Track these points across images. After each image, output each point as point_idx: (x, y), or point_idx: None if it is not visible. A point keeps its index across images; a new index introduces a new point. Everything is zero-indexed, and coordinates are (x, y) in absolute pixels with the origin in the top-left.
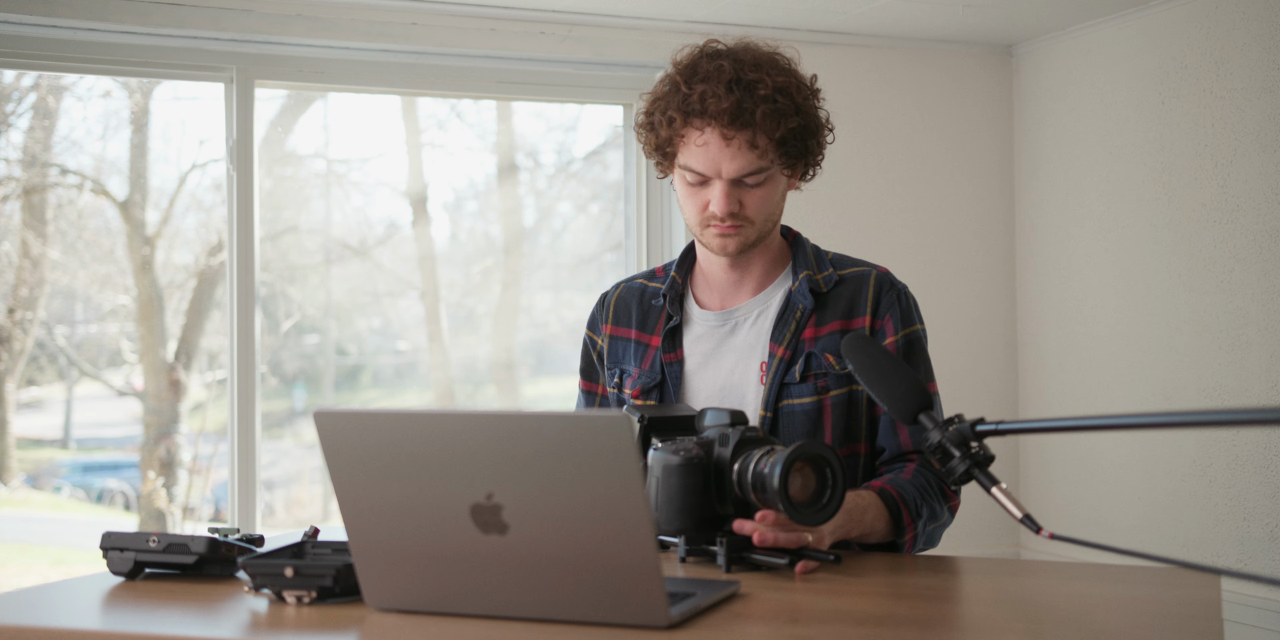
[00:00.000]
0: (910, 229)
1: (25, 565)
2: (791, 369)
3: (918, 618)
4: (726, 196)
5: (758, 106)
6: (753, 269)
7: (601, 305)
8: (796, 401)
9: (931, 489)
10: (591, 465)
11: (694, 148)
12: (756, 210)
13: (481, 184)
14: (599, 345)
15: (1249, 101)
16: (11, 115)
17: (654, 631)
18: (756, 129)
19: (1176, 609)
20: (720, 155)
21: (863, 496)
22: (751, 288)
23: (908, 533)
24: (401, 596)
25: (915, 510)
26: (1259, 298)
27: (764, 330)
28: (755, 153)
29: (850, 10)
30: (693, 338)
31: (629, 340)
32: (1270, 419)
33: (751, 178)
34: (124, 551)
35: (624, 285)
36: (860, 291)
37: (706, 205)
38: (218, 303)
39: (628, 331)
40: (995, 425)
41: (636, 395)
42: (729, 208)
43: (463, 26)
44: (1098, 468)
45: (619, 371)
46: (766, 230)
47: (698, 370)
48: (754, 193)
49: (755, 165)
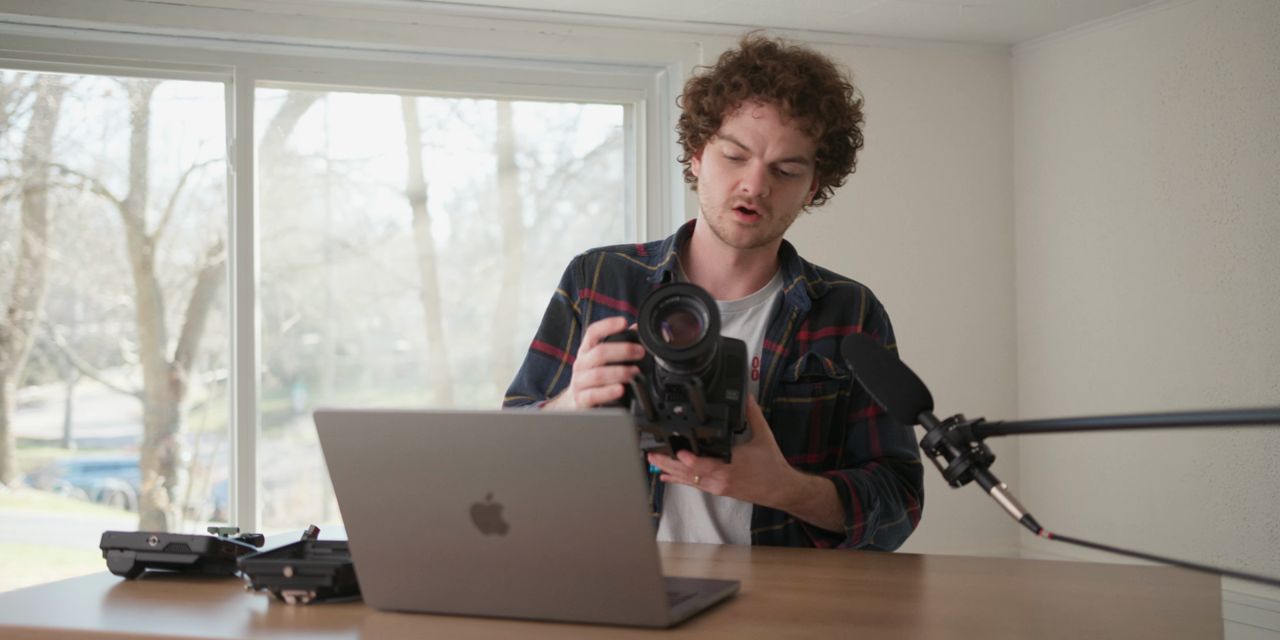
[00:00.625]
0: (910, 229)
1: (25, 565)
2: (790, 367)
3: (918, 618)
4: (761, 176)
5: (823, 96)
6: (753, 266)
7: (582, 269)
8: (795, 400)
9: (889, 488)
10: (591, 465)
11: (748, 119)
12: (781, 203)
13: (481, 184)
14: (576, 310)
15: (1249, 101)
16: (11, 115)
17: (654, 631)
18: (816, 117)
19: (1176, 609)
20: (771, 133)
21: (816, 480)
22: (744, 285)
23: (856, 521)
24: (401, 596)
25: (867, 501)
26: (1259, 298)
27: (756, 327)
28: (803, 141)
29: (850, 10)
30: None
31: (617, 311)
32: (1270, 419)
33: (789, 165)
34: (124, 551)
35: (605, 253)
36: (853, 302)
37: (736, 185)
38: (218, 303)
39: (615, 302)
40: (995, 425)
41: None
42: (760, 188)
43: (463, 26)
44: (1098, 468)
45: None
46: (779, 231)
47: None
48: (785, 185)
49: (798, 153)
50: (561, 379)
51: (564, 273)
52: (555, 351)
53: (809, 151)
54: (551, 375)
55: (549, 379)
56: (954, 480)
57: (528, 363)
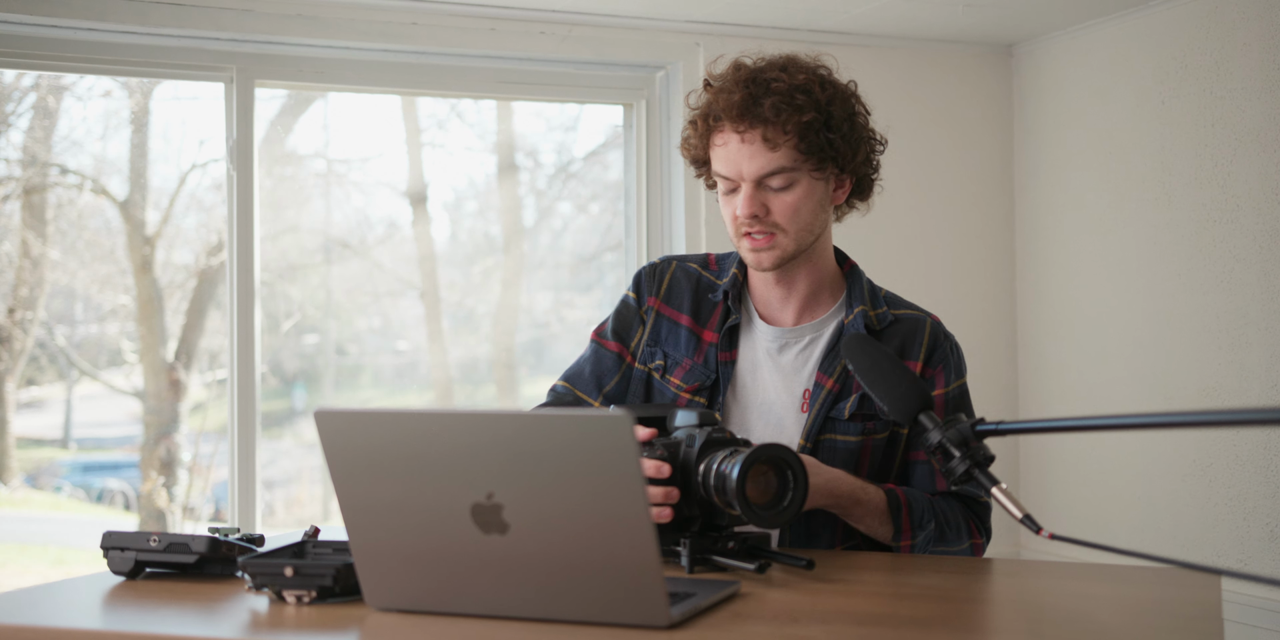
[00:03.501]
0: (910, 229)
1: (25, 565)
2: (839, 404)
3: (918, 618)
4: (749, 198)
5: (767, 99)
6: (798, 287)
7: (653, 276)
8: (840, 438)
9: (950, 513)
10: (592, 465)
11: (720, 151)
12: (785, 217)
13: (481, 184)
14: (643, 316)
15: (1249, 101)
16: (11, 115)
17: (654, 631)
18: (768, 124)
19: (1176, 609)
20: (738, 155)
21: (867, 488)
22: (796, 307)
23: (904, 538)
24: (402, 596)
25: (919, 520)
26: (1259, 298)
27: (812, 357)
28: (775, 152)
29: (850, 10)
30: (747, 343)
31: (679, 325)
32: (1270, 419)
33: (774, 179)
34: (125, 551)
35: (677, 264)
36: (915, 336)
37: (736, 215)
38: (218, 303)
39: (679, 315)
40: (995, 425)
41: (692, 391)
42: (751, 209)
43: (463, 26)
44: (1098, 468)
45: (662, 353)
46: (806, 242)
47: (743, 377)
48: (781, 197)
49: (775, 165)
50: (622, 379)
51: (634, 276)
52: (623, 351)
53: (788, 158)
54: (614, 374)
55: (610, 377)
56: (954, 480)
57: (593, 355)
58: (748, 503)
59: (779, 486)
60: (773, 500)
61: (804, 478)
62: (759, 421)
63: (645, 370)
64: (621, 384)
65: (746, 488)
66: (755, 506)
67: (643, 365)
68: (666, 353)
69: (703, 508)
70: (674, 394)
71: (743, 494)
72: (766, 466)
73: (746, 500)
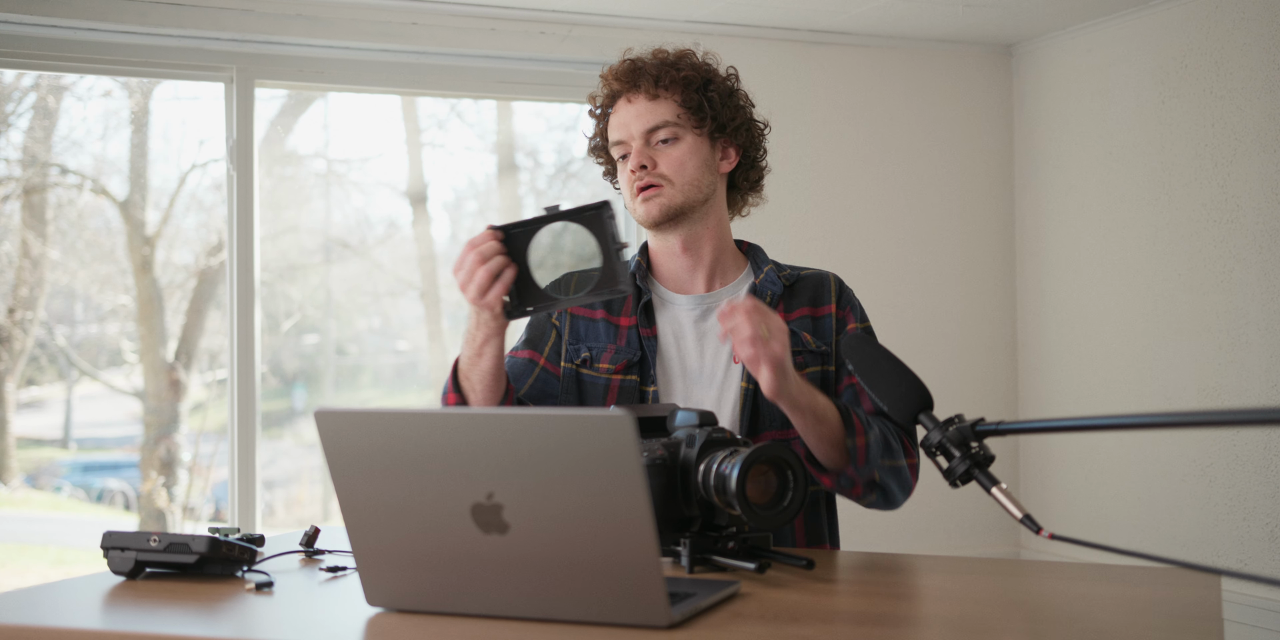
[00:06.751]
0: (910, 228)
1: (25, 565)
2: None
3: (917, 618)
4: (638, 152)
5: (650, 63)
6: (703, 256)
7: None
8: None
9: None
10: (592, 464)
11: (611, 126)
12: (672, 169)
13: (481, 183)
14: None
15: (1249, 101)
16: (11, 115)
17: (654, 631)
18: (652, 81)
19: (1176, 609)
20: (627, 116)
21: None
22: (705, 276)
23: (859, 436)
24: (402, 596)
25: (865, 423)
26: (1259, 298)
27: None
28: (658, 105)
29: (850, 10)
30: (666, 316)
31: (595, 320)
32: (1270, 419)
33: (660, 132)
34: (125, 551)
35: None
36: (824, 286)
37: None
38: (218, 303)
39: (592, 312)
40: (995, 425)
41: (620, 370)
42: (639, 160)
43: (463, 26)
44: (1098, 468)
45: (585, 347)
46: (693, 198)
47: (668, 348)
48: (667, 151)
49: (659, 118)
50: (536, 381)
51: None
52: (534, 356)
53: (672, 112)
54: (526, 377)
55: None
56: (954, 480)
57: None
58: (748, 503)
59: (779, 486)
60: (773, 500)
61: (804, 476)
62: (695, 384)
63: (573, 368)
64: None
65: (746, 488)
66: (755, 506)
67: (569, 363)
68: (590, 346)
69: (703, 508)
70: (605, 380)
71: (743, 494)
72: (766, 466)
73: (746, 500)
